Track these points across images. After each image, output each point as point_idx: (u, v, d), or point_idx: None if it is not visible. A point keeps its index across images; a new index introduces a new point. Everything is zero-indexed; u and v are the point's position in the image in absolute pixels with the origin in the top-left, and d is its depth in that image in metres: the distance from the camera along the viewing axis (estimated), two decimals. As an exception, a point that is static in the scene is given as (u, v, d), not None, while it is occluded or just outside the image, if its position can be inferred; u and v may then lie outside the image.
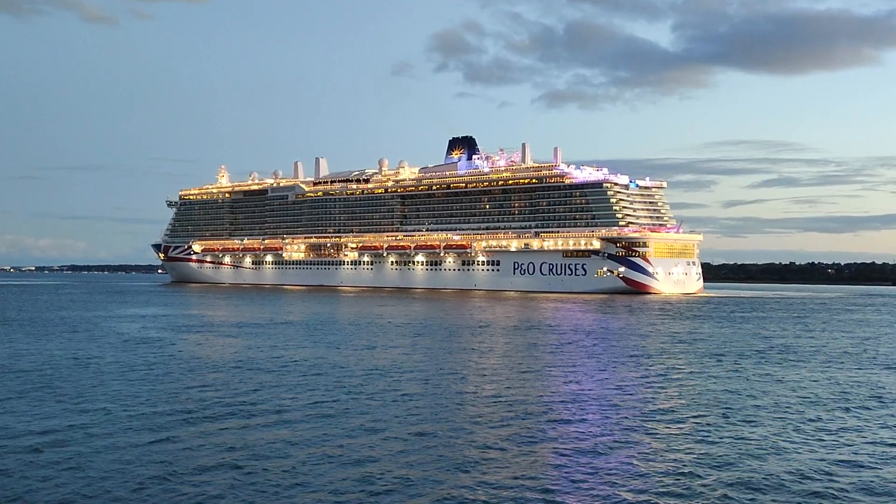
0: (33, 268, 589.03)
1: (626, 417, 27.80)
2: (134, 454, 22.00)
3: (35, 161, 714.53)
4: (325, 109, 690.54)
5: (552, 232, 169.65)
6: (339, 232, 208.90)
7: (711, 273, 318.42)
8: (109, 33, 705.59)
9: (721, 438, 24.72)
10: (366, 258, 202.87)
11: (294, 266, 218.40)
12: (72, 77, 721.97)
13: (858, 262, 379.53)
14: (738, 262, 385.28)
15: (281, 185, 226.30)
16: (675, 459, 22.01)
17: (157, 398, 30.74)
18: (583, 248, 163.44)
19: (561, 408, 29.47)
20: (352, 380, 36.10)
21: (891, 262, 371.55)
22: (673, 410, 29.36)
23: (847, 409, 30.21)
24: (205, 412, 28.03)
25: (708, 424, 26.81)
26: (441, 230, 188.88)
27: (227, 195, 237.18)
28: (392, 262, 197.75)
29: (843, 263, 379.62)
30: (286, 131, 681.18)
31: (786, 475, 20.65)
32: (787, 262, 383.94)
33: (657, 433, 25.32)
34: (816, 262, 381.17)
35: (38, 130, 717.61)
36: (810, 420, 27.97)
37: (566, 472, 20.56)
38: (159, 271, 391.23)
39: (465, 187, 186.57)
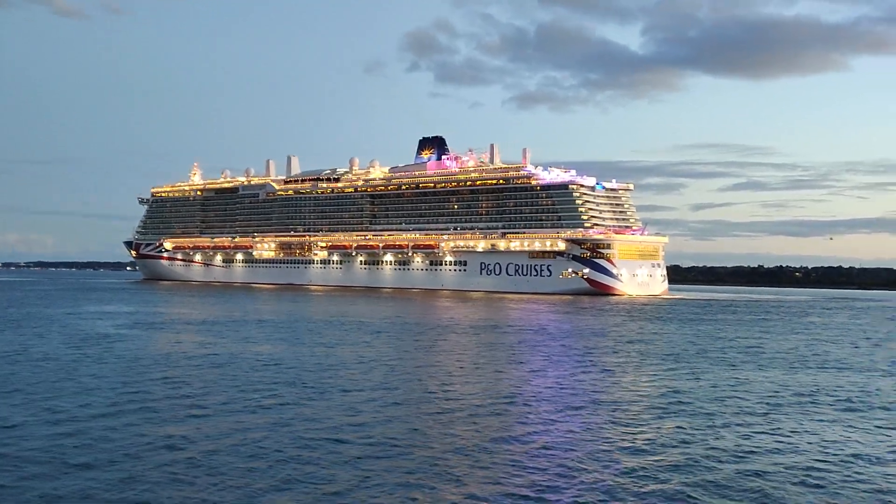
0: None
1: (578, 416, 28.92)
2: (76, 449, 23.09)
3: (1, 154, 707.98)
4: (298, 107, 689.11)
5: (518, 233, 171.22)
6: (308, 231, 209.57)
7: (680, 275, 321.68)
8: (81, 27, 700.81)
9: (672, 437, 25.81)
10: (335, 257, 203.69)
11: (264, 264, 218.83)
12: (41, 71, 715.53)
13: (825, 265, 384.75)
14: (707, 265, 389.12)
15: (252, 183, 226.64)
16: (625, 459, 22.93)
17: (103, 392, 31.75)
18: (548, 249, 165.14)
19: (515, 407, 30.58)
20: (310, 378, 37.07)
21: (857, 266, 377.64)
22: (624, 410, 30.38)
23: (797, 408, 31.72)
24: (149, 407, 29.08)
25: (658, 424, 27.93)
26: (410, 230, 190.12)
27: (198, 193, 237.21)
28: (361, 261, 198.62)
29: (810, 267, 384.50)
30: (259, 128, 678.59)
31: (735, 474, 21.60)
32: (756, 266, 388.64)
33: (609, 432, 26.32)
34: (784, 266, 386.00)
35: (4, 124, 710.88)
36: (760, 420, 29.23)
37: (518, 472, 21.35)
38: (128, 268, 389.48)
39: (434, 187, 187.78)
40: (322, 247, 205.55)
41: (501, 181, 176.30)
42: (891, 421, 29.57)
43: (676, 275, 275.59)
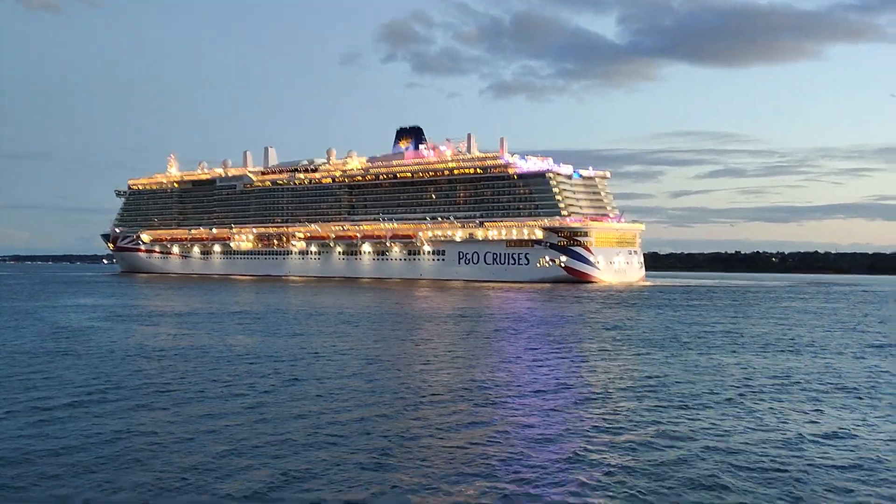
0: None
1: (550, 401, 29.11)
2: (45, 440, 23.18)
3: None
4: (275, 98, 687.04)
5: (496, 222, 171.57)
6: (286, 222, 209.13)
7: (659, 262, 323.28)
8: (54, 20, 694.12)
9: (642, 420, 26.10)
10: (313, 248, 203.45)
11: (242, 256, 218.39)
12: (13, 65, 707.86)
13: (802, 251, 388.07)
14: (686, 252, 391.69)
15: (229, 174, 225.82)
16: (594, 443, 23.16)
17: (73, 385, 31.73)
18: (526, 237, 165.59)
19: (487, 393, 30.73)
20: (285, 367, 37.04)
21: (833, 251, 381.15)
22: (596, 395, 30.56)
23: (767, 392, 32.06)
24: (119, 397, 29.07)
25: (628, 408, 28.19)
26: (388, 220, 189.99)
27: (175, 185, 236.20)
28: (339, 252, 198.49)
29: (786, 252, 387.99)
30: (236, 120, 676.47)
31: (702, 457, 21.82)
32: (733, 252, 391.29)
33: (580, 417, 26.56)
34: (761, 252, 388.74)
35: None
36: (729, 403, 29.55)
37: (487, 457, 21.51)
38: (105, 261, 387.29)
39: (412, 177, 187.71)
40: (300, 238, 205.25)
41: (479, 170, 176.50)
42: (857, 404, 30.01)
43: (655, 262, 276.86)
